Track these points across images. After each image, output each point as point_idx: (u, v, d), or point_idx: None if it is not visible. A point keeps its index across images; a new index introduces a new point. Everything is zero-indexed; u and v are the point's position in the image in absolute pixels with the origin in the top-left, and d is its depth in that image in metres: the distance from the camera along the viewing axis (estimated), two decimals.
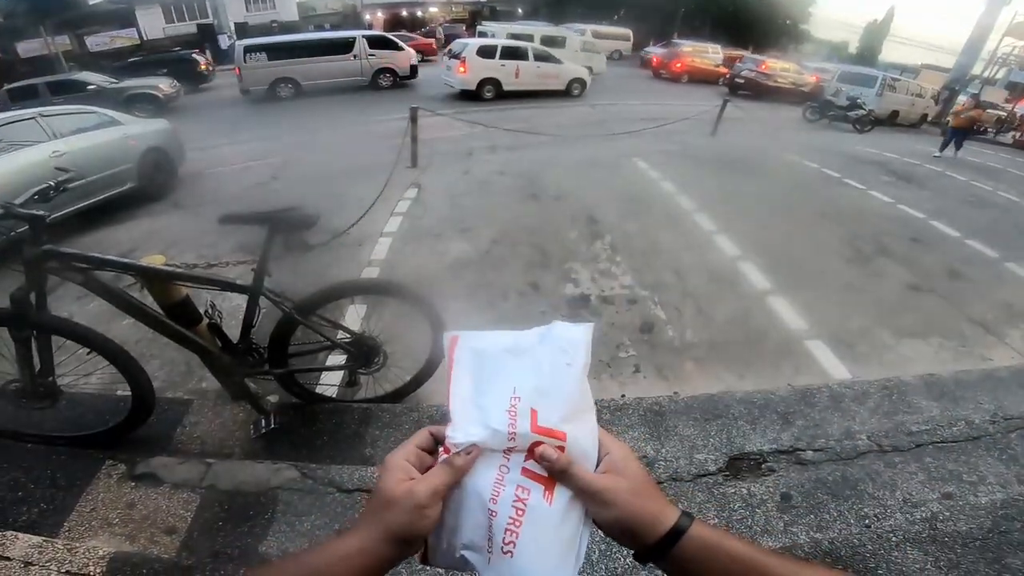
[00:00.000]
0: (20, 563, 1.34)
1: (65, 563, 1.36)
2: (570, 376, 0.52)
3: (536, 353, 0.53)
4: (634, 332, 3.47)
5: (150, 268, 1.82)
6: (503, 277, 4.16)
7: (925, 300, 4.13)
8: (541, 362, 0.52)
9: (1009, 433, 2.21)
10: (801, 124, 14.25)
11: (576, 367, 0.52)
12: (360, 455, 2.10)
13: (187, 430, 2.21)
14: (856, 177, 7.73)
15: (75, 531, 1.63)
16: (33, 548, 1.39)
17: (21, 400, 1.84)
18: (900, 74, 20.04)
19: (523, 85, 14.11)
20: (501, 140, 8.99)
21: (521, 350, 0.54)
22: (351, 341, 2.20)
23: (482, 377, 0.53)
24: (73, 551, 1.40)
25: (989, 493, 1.88)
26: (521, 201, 5.99)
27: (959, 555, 1.57)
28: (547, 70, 14.48)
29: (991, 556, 1.57)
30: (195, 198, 6.41)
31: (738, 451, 2.07)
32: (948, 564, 1.55)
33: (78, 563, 1.36)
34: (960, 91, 18.45)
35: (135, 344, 2.76)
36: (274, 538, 1.65)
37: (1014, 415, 2.33)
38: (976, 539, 1.63)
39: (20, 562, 1.34)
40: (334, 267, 4.15)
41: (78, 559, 1.38)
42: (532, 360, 0.53)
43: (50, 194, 1.71)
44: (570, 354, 0.52)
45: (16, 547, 1.39)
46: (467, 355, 0.54)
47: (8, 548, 1.38)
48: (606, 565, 1.50)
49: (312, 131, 10.03)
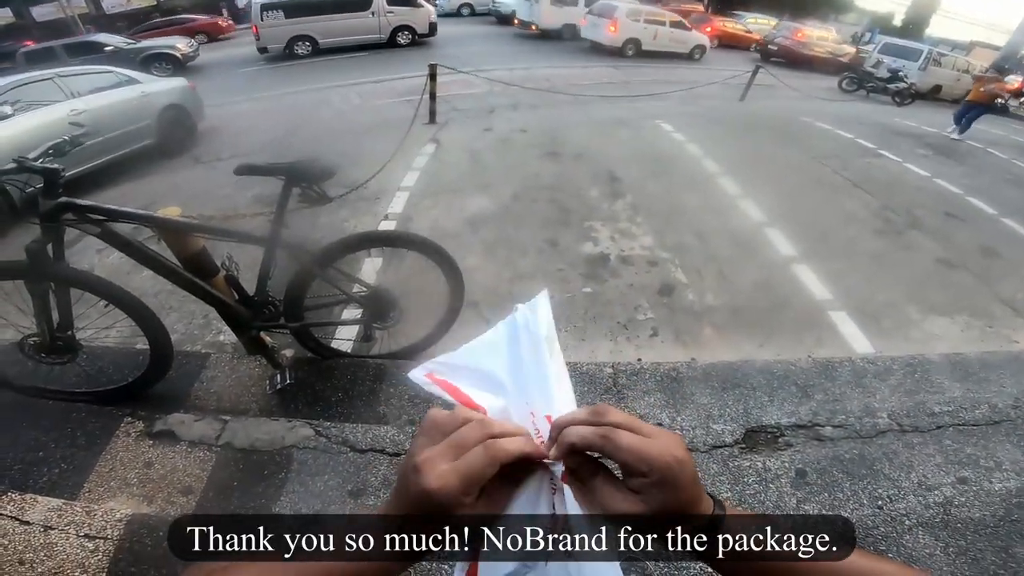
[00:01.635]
0: (40, 527, 1.36)
1: (84, 527, 1.38)
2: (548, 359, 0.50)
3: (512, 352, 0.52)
4: (653, 294, 3.42)
5: (166, 220, 1.81)
6: (521, 233, 4.12)
7: (955, 277, 3.99)
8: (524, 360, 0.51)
9: None
10: (837, 94, 13.70)
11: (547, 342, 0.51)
12: (374, 413, 2.11)
13: (204, 385, 2.23)
14: (892, 149, 7.42)
15: (94, 492, 1.65)
16: (53, 512, 1.41)
17: (41, 355, 1.85)
18: (951, 50, 18.96)
19: (658, 47, 15.49)
20: (524, 98, 8.81)
21: (495, 349, 0.53)
22: (367, 295, 2.19)
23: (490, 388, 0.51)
24: (91, 514, 1.42)
25: (1004, 480, 1.83)
26: (542, 159, 5.90)
27: (969, 542, 1.55)
28: (677, 35, 15.90)
29: (999, 544, 1.55)
30: (214, 153, 6.46)
31: (755, 423, 2.04)
32: (957, 551, 1.52)
33: (96, 526, 1.38)
34: (1011, 70, 17.51)
35: (153, 297, 2.78)
36: (287, 499, 1.66)
37: None
38: (988, 527, 1.60)
39: (40, 526, 1.36)
40: (351, 220, 4.16)
41: (96, 522, 1.40)
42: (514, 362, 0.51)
43: (65, 148, 1.70)
44: (543, 331, 0.51)
45: (36, 511, 1.41)
46: (462, 374, 0.52)
47: (28, 512, 1.40)
48: None
49: (330, 88, 9.90)
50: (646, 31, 15.27)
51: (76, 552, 1.32)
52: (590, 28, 15.55)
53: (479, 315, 2.98)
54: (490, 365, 0.52)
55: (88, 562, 1.31)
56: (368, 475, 1.74)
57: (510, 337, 0.53)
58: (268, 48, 13.35)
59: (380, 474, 1.75)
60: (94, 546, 1.34)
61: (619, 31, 14.81)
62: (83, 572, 1.29)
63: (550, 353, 0.51)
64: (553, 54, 14.16)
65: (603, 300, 3.34)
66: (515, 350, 0.52)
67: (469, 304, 2.59)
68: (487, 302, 3.15)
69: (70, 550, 1.32)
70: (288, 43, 13.33)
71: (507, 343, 0.53)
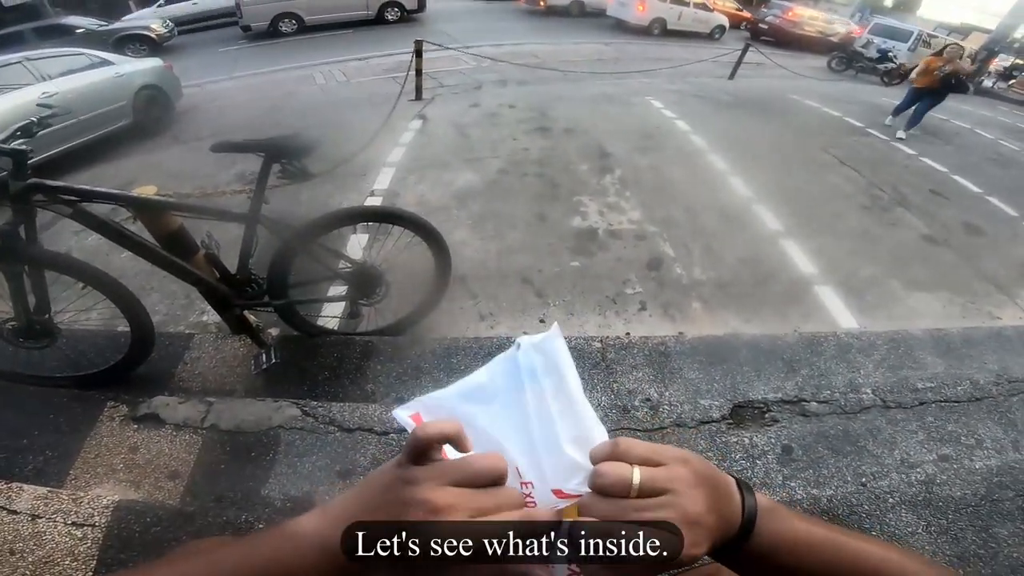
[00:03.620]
0: (27, 516, 1.33)
1: (71, 514, 1.36)
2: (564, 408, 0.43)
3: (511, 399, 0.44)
4: (641, 268, 3.43)
5: (141, 198, 1.75)
6: (510, 207, 4.11)
7: (939, 253, 4.04)
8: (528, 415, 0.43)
9: (1011, 397, 2.16)
10: (826, 73, 13.73)
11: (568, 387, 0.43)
12: (362, 391, 2.09)
13: (188, 366, 2.19)
14: (879, 127, 7.45)
15: (80, 479, 1.62)
16: (39, 500, 1.39)
17: (19, 339, 1.81)
18: (948, 34, 18.86)
19: (682, 26, 15.88)
20: (512, 75, 8.72)
21: (489, 396, 0.45)
22: (352, 271, 2.16)
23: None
24: (78, 501, 1.40)
25: (985, 458, 1.85)
26: (530, 134, 5.85)
27: (950, 521, 1.56)
28: (700, 16, 16.31)
29: (980, 524, 1.56)
30: (193, 132, 6.36)
31: (743, 398, 2.05)
32: (939, 530, 1.54)
33: (83, 513, 1.36)
34: (1000, 52, 17.48)
35: (133, 277, 2.72)
36: (275, 481, 1.64)
37: (1018, 378, 2.28)
38: (969, 505, 1.62)
39: (27, 515, 1.34)
40: (336, 196, 4.11)
41: (83, 509, 1.38)
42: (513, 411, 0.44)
43: (33, 130, 1.65)
44: (553, 376, 0.44)
45: (22, 499, 1.38)
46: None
47: (14, 501, 1.38)
48: None
49: (314, 66, 9.71)
50: (671, 11, 15.62)
51: (65, 540, 1.30)
52: (617, 7, 15.77)
53: (467, 290, 2.96)
54: (476, 412, 0.45)
55: (77, 550, 1.29)
56: (356, 455, 1.73)
57: (507, 380, 0.46)
58: (251, 26, 12.93)
59: (369, 454, 1.73)
60: (82, 534, 1.32)
61: (647, 10, 15.14)
62: (73, 560, 1.27)
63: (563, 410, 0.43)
64: (549, 31, 14.00)
65: (592, 274, 3.34)
66: (514, 398, 0.44)
67: (457, 278, 2.57)
68: (475, 276, 3.15)
69: (59, 538, 1.30)
70: (272, 20, 12.91)
71: (504, 389, 0.45)
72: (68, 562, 1.27)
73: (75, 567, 1.26)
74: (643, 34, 15.12)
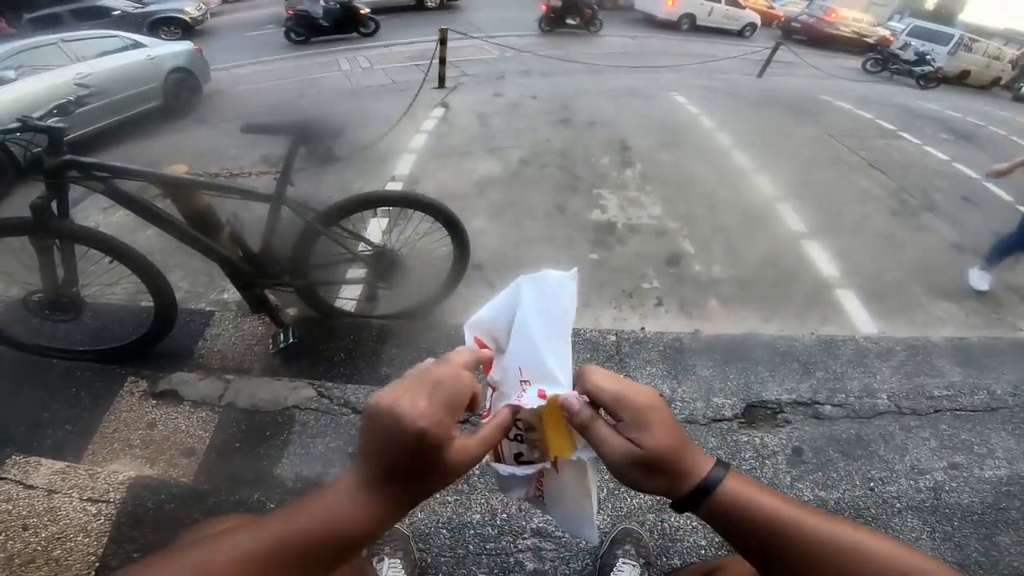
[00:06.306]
0: (44, 491, 1.35)
1: (87, 490, 1.37)
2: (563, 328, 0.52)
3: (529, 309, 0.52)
4: (659, 264, 3.40)
5: (171, 176, 1.80)
6: (530, 198, 4.11)
7: (965, 262, 3.94)
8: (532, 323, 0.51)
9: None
10: (859, 75, 13.39)
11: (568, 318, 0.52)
12: (376, 375, 2.12)
13: (208, 343, 2.24)
14: (912, 131, 7.24)
15: (98, 454, 1.65)
16: (56, 475, 1.40)
17: (45, 312, 1.86)
18: (1005, 44, 18.25)
19: (712, 23, 15.79)
20: (536, 66, 8.67)
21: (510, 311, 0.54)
22: (372, 254, 2.19)
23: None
24: (95, 477, 1.41)
25: (995, 468, 1.82)
26: (552, 125, 5.83)
27: (955, 528, 1.54)
28: (731, 13, 16.18)
29: (984, 532, 1.54)
30: (221, 114, 6.44)
31: (756, 398, 2.04)
32: (943, 536, 1.52)
33: (99, 489, 1.37)
34: None
35: (159, 253, 2.76)
36: (288, 460, 1.66)
37: None
38: (975, 513, 1.59)
39: (44, 490, 1.35)
40: (358, 181, 4.13)
41: (99, 485, 1.39)
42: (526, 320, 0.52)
43: (70, 108, 1.69)
44: (563, 303, 0.52)
45: (40, 474, 1.40)
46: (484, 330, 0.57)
47: (31, 475, 1.39)
48: (612, 504, 1.51)
49: (339, 52, 9.76)
50: (702, 7, 15.45)
51: (79, 516, 1.31)
52: (646, 0, 15.83)
53: (483, 277, 2.97)
54: (495, 324, 0.56)
55: (91, 526, 1.30)
56: None
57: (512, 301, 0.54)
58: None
59: None
60: (96, 510, 1.33)
61: (676, 4, 15.01)
62: (85, 536, 1.28)
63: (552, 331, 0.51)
64: None
65: (609, 267, 3.33)
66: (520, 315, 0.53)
67: (474, 266, 2.58)
68: (492, 264, 3.16)
69: (73, 514, 1.31)
70: None
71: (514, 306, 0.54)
72: (80, 538, 1.27)
73: (87, 543, 1.26)
74: (671, 29, 14.94)
